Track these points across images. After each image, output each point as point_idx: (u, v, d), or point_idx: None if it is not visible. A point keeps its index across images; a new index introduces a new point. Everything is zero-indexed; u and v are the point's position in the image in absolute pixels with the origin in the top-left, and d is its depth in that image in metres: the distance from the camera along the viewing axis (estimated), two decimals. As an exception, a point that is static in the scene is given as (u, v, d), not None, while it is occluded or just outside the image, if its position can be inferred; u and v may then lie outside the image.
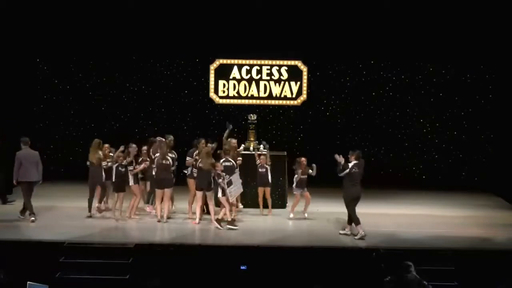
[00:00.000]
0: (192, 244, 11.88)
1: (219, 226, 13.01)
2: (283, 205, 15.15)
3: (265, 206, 14.64)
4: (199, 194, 13.51)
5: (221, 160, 13.66)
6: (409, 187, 17.97)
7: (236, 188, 13.67)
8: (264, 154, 14.61)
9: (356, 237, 12.54)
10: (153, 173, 13.80)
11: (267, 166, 14.53)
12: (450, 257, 11.28)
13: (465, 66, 18.77)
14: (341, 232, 12.90)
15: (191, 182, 13.85)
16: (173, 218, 13.78)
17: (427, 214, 14.94)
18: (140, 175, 14.00)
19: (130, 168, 13.72)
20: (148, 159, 13.97)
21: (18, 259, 11.05)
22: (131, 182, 13.76)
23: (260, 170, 14.56)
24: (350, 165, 12.82)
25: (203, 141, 13.98)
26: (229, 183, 13.46)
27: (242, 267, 11.25)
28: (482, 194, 17.49)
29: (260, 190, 14.57)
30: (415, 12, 17.46)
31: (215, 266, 11.28)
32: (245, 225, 13.38)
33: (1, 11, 16.12)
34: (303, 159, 14.28)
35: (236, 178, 13.71)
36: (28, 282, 10.03)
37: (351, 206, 12.75)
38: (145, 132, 18.82)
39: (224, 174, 13.41)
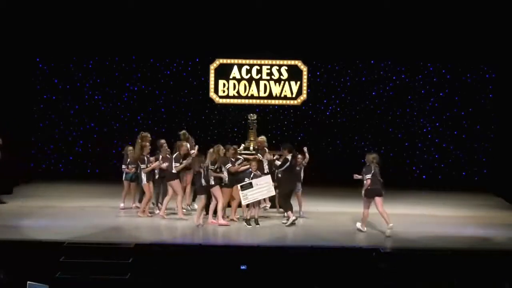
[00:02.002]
0: (192, 244, 11.87)
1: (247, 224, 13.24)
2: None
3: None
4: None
5: (238, 161, 13.67)
6: (409, 187, 17.97)
7: (254, 194, 13.27)
8: (303, 153, 14.30)
9: (287, 223, 13.28)
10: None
11: (302, 165, 14.29)
12: (450, 257, 11.27)
13: (466, 66, 18.79)
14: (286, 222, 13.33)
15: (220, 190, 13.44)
16: (173, 218, 13.79)
17: (427, 214, 14.94)
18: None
19: (143, 166, 13.71)
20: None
21: (18, 259, 11.04)
22: (144, 181, 13.73)
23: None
24: (289, 157, 13.39)
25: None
26: (249, 185, 13.28)
27: (242, 267, 11.24)
28: (482, 194, 17.49)
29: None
30: (415, 12, 17.46)
31: (215, 266, 11.27)
32: (245, 225, 13.37)
33: (1, 11, 16.11)
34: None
35: (260, 183, 13.26)
36: (28, 282, 10.03)
37: (289, 196, 13.45)
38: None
39: (258, 173, 13.39)
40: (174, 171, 13.62)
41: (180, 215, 13.60)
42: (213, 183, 13.12)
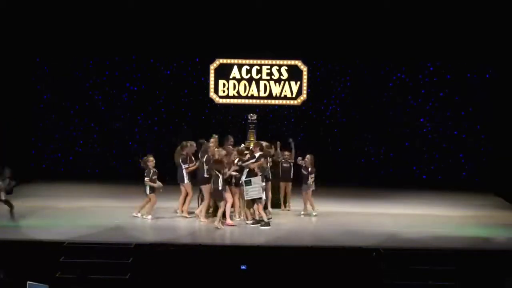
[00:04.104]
0: (192, 244, 11.87)
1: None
2: (280, 205, 15.14)
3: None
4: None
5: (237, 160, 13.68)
6: (409, 187, 17.96)
7: (251, 192, 13.31)
8: (289, 150, 14.65)
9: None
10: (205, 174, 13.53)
11: (290, 162, 14.54)
12: (450, 257, 11.27)
13: (465, 66, 18.77)
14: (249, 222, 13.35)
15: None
16: (173, 218, 13.78)
17: (427, 214, 14.94)
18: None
19: (186, 166, 13.59)
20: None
21: (18, 259, 11.05)
22: (185, 180, 13.63)
23: (284, 165, 14.58)
24: (257, 155, 13.47)
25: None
26: (249, 182, 13.30)
27: (242, 267, 11.24)
28: (482, 194, 17.48)
29: (282, 185, 14.69)
30: (416, 12, 17.46)
31: (215, 266, 11.27)
32: (245, 225, 13.37)
33: (1, 11, 16.11)
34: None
35: (256, 182, 13.32)
36: (28, 282, 10.03)
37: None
38: (145, 132, 18.89)
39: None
40: (206, 175, 13.44)
41: (203, 219, 13.40)
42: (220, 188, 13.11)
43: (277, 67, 17.62)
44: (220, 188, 12.96)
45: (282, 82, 17.67)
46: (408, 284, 10.98)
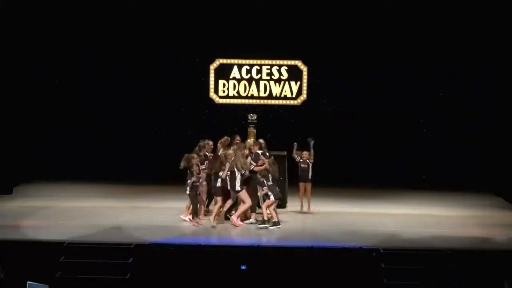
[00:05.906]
0: (192, 244, 11.87)
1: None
2: (283, 205, 15.13)
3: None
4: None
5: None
6: (409, 187, 17.96)
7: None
8: (308, 150, 14.59)
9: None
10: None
11: (309, 162, 14.49)
12: (450, 257, 11.27)
13: (466, 66, 18.76)
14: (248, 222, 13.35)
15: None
16: (173, 218, 13.78)
17: (427, 214, 14.94)
18: None
19: (202, 167, 13.48)
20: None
21: (18, 259, 11.05)
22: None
23: (302, 165, 14.51)
24: (261, 152, 13.53)
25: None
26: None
27: (242, 267, 11.25)
28: (482, 194, 17.48)
29: (301, 185, 14.53)
30: (415, 11, 17.48)
31: (215, 266, 11.27)
32: (246, 225, 13.37)
33: (0, 11, 16.12)
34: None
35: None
36: (28, 282, 10.05)
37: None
38: (145, 132, 18.87)
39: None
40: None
41: (237, 223, 13.17)
42: (239, 188, 13.03)
43: (277, 67, 17.65)
44: (218, 185, 12.99)
45: (282, 82, 17.69)
46: (408, 284, 10.99)
